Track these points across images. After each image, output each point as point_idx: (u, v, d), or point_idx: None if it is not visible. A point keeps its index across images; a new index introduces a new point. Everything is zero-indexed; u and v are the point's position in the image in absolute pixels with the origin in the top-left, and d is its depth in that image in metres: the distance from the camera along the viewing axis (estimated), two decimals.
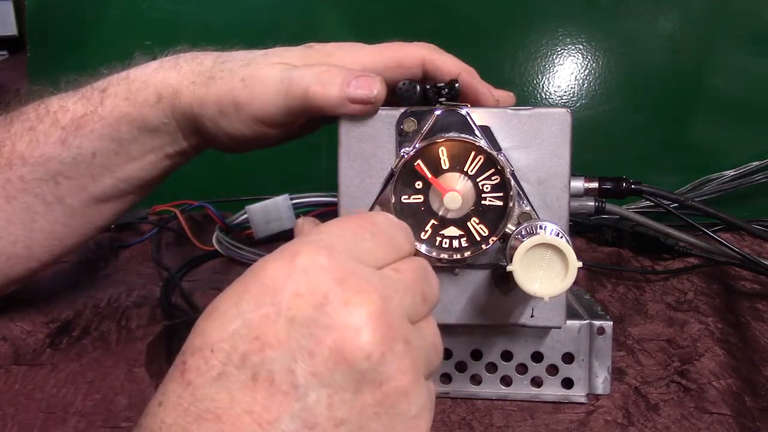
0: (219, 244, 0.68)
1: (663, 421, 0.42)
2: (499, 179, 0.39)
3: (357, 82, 0.40)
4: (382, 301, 0.27)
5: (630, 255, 0.67)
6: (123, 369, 0.48)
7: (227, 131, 0.45)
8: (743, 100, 0.75)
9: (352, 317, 0.26)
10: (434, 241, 0.40)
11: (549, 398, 0.44)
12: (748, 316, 0.55)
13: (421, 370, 0.28)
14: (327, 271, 0.27)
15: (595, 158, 0.73)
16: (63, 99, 0.48)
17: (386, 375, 0.26)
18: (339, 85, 0.40)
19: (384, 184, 0.41)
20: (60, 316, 0.56)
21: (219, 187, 0.76)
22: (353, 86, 0.40)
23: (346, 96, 0.40)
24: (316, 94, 0.41)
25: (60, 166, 0.47)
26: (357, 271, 0.27)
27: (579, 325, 0.44)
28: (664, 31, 0.75)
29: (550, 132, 0.40)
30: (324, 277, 0.27)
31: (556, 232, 0.36)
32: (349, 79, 0.40)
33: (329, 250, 0.28)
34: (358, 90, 0.40)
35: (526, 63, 0.77)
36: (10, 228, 0.48)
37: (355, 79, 0.40)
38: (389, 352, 0.26)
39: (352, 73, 0.41)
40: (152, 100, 0.46)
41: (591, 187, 0.45)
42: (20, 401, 0.44)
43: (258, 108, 0.43)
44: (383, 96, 0.40)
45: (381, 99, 0.40)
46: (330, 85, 0.40)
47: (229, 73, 0.44)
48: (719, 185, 0.71)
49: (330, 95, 0.40)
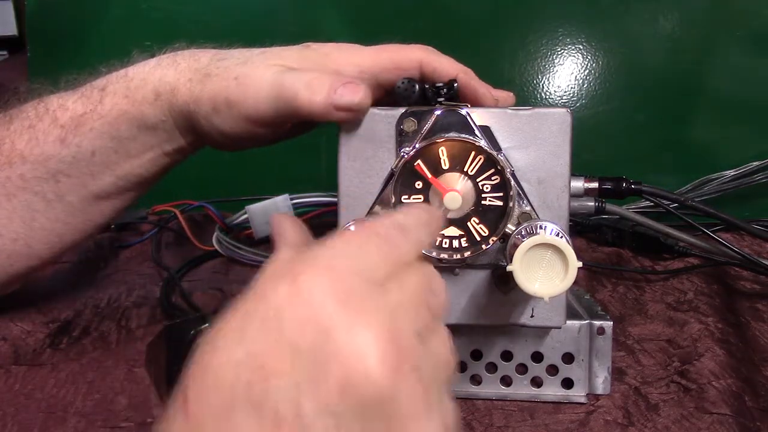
0: (219, 244, 0.68)
1: (663, 421, 0.42)
2: (499, 179, 0.39)
3: (343, 89, 0.40)
4: (389, 321, 0.26)
5: (630, 255, 0.67)
6: (123, 369, 0.48)
7: (220, 129, 0.45)
8: (743, 100, 0.75)
9: (357, 342, 0.24)
10: (434, 241, 0.40)
11: (549, 398, 0.44)
12: (748, 316, 0.55)
13: (434, 394, 0.27)
14: (330, 294, 0.25)
15: (595, 158, 0.74)
16: (62, 98, 0.48)
17: (396, 404, 0.25)
18: (326, 92, 0.40)
19: (384, 184, 0.41)
20: (60, 316, 0.56)
21: (219, 187, 0.76)
22: (338, 93, 0.40)
23: (331, 103, 0.40)
24: (303, 101, 0.41)
25: (60, 164, 0.47)
26: (361, 291, 0.26)
27: (579, 325, 0.44)
28: (664, 31, 0.75)
29: (550, 132, 0.40)
30: (327, 300, 0.25)
31: (556, 232, 0.36)
32: (336, 86, 0.40)
33: (331, 270, 0.26)
34: (343, 97, 0.40)
35: (526, 63, 0.77)
36: (10, 225, 0.48)
37: (341, 87, 0.40)
38: (398, 379, 0.25)
39: (339, 80, 0.41)
40: (150, 97, 0.46)
41: (591, 187, 0.45)
42: (20, 401, 0.44)
43: (250, 107, 0.43)
44: (368, 103, 0.40)
45: (365, 106, 0.40)
46: (317, 92, 0.41)
47: (225, 70, 0.44)
48: (719, 185, 0.71)
49: (316, 102, 0.41)
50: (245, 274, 0.65)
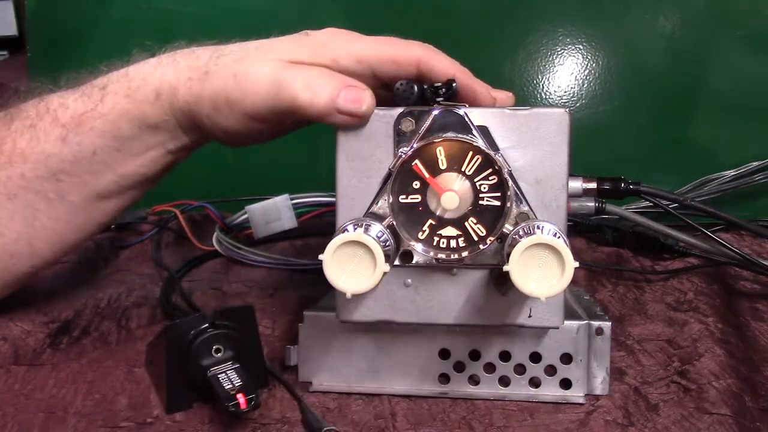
0: (219, 244, 0.68)
1: (663, 421, 0.42)
2: (497, 179, 0.39)
3: (347, 93, 0.40)
4: None
5: (630, 255, 0.67)
6: (123, 369, 0.48)
7: (222, 126, 0.45)
8: (743, 100, 0.75)
9: None
10: (432, 241, 0.40)
11: (547, 399, 0.44)
12: (748, 316, 0.55)
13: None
14: None
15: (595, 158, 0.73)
16: (63, 96, 0.48)
17: None
18: (328, 95, 0.40)
19: (382, 184, 0.41)
20: (60, 316, 0.56)
21: (219, 187, 0.76)
22: (342, 97, 0.40)
23: (334, 107, 0.40)
24: (304, 102, 0.41)
25: (61, 163, 0.47)
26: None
27: (577, 326, 0.44)
28: (664, 31, 0.75)
29: (548, 132, 0.40)
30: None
31: (553, 232, 0.36)
32: (339, 89, 0.40)
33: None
34: (347, 103, 0.40)
35: (526, 63, 0.77)
36: (12, 225, 0.48)
37: (345, 90, 0.40)
38: None
39: (342, 82, 0.41)
40: (151, 97, 0.46)
41: (589, 188, 0.45)
42: (20, 401, 0.44)
43: (249, 105, 0.43)
44: (372, 110, 0.40)
45: (370, 113, 0.40)
46: (319, 93, 0.41)
47: (223, 67, 0.45)
48: (719, 185, 0.71)
49: (318, 105, 0.41)
50: (245, 274, 0.65)
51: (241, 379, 0.42)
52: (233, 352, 0.43)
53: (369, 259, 0.36)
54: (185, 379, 0.43)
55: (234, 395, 0.40)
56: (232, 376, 0.42)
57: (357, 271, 0.36)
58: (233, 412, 0.40)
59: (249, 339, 0.45)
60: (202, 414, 0.43)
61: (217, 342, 0.43)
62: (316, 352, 0.45)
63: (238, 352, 0.44)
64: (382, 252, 0.36)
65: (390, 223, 0.39)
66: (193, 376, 0.43)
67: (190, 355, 0.43)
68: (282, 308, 0.57)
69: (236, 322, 0.44)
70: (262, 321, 0.54)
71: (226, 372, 0.42)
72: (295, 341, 0.46)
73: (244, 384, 0.41)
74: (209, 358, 0.43)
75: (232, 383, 0.41)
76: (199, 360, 0.43)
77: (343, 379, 0.45)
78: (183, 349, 0.43)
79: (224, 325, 0.44)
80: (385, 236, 0.38)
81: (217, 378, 0.42)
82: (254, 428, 0.42)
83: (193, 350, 0.43)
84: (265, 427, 0.42)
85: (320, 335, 0.45)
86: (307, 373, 0.46)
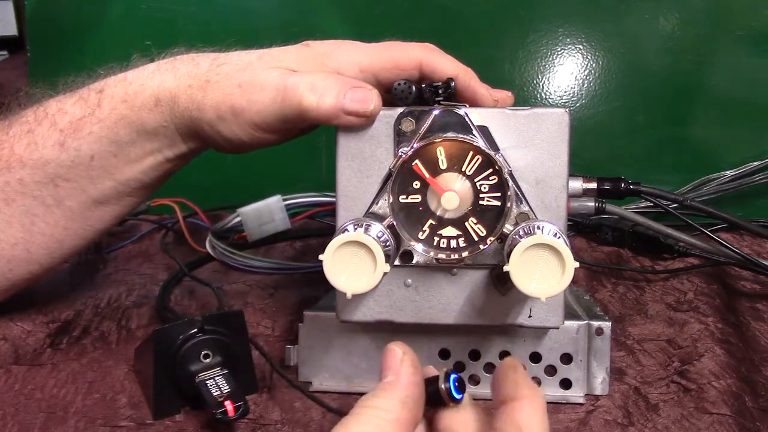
0: (213, 249, 0.67)
1: (663, 421, 0.42)
2: (497, 179, 0.39)
3: (353, 94, 0.40)
4: None
5: (630, 255, 0.67)
6: (123, 369, 0.48)
7: (225, 135, 0.45)
8: (743, 100, 0.75)
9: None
10: (432, 241, 0.40)
11: (547, 399, 0.44)
12: (748, 316, 0.55)
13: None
14: None
15: (595, 158, 0.74)
16: (61, 101, 0.48)
17: None
18: (334, 96, 0.40)
19: (382, 184, 0.41)
20: (60, 316, 0.56)
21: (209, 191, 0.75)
22: (349, 98, 0.40)
23: (341, 108, 0.40)
24: (311, 105, 0.41)
25: (59, 168, 0.47)
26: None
27: (577, 326, 0.44)
28: (664, 31, 0.75)
29: (548, 132, 0.40)
30: None
31: (553, 232, 0.36)
32: (345, 90, 0.40)
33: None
34: (354, 103, 0.40)
35: (526, 63, 0.77)
36: (9, 231, 0.48)
37: (351, 91, 0.40)
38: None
39: (347, 83, 0.41)
40: (150, 103, 0.46)
41: (589, 188, 0.45)
42: (20, 401, 0.44)
43: (255, 114, 0.43)
44: (379, 110, 0.40)
45: (377, 112, 0.40)
46: (325, 95, 0.41)
47: (226, 77, 0.44)
48: (719, 185, 0.71)
49: (325, 106, 0.41)
50: (245, 275, 0.65)
51: (230, 385, 0.41)
52: (222, 358, 0.43)
53: (369, 259, 0.36)
54: (173, 384, 0.42)
55: (222, 402, 0.40)
56: (221, 382, 0.42)
57: (357, 271, 0.36)
58: (221, 419, 0.39)
59: (238, 345, 0.44)
60: (201, 414, 0.43)
61: (206, 347, 0.43)
62: (316, 352, 0.45)
63: (227, 358, 0.43)
64: (382, 252, 0.36)
65: (390, 223, 0.39)
66: (181, 381, 0.42)
67: (178, 361, 0.42)
68: (282, 308, 0.57)
69: (226, 327, 0.44)
70: (262, 321, 0.54)
71: (214, 378, 0.42)
72: (295, 341, 0.46)
73: (233, 391, 0.41)
74: (197, 364, 0.42)
75: (220, 389, 0.41)
76: (187, 365, 0.42)
77: (343, 379, 0.45)
78: (171, 355, 0.42)
79: (213, 331, 0.43)
80: (385, 236, 0.38)
81: (205, 384, 0.41)
82: (254, 428, 0.42)
83: (181, 356, 0.42)
84: (265, 428, 0.42)
85: (320, 335, 0.45)
86: (307, 373, 0.46)
